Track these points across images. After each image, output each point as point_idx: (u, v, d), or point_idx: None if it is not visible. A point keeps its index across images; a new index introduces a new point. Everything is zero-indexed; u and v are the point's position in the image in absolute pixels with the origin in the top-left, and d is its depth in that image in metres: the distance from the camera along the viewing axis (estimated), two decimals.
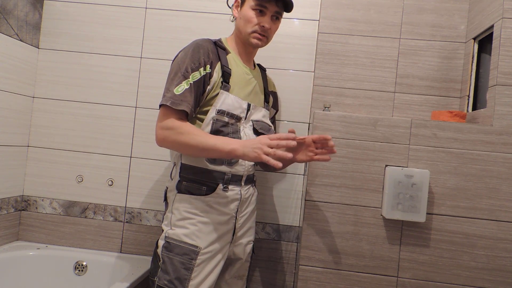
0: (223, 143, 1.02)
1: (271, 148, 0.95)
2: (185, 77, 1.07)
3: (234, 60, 1.21)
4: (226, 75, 1.15)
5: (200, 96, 1.11)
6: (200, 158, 1.13)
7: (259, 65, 1.39)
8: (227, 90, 1.14)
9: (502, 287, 1.15)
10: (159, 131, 1.08)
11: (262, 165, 1.40)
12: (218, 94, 1.13)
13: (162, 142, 1.08)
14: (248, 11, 1.17)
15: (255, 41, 1.19)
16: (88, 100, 1.66)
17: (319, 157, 1.11)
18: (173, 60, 1.15)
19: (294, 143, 0.95)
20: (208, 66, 1.12)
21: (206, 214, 1.13)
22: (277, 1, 1.16)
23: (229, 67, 1.17)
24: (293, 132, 1.13)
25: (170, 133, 1.05)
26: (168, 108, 1.06)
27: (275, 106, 1.44)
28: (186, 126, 1.05)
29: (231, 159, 1.13)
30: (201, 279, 1.10)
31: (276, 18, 1.21)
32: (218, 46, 1.18)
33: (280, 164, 0.93)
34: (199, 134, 1.04)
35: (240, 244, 1.23)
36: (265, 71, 1.40)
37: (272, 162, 0.93)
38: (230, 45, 1.24)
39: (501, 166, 1.16)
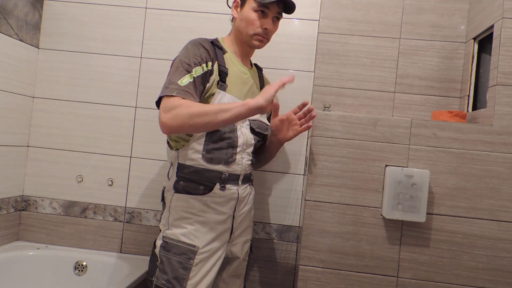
0: (235, 102, 1.04)
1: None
2: (188, 71, 1.06)
3: (231, 59, 1.21)
4: (222, 75, 1.15)
5: (202, 92, 1.11)
6: (196, 158, 1.13)
7: (255, 64, 1.38)
8: (224, 89, 1.14)
9: (502, 287, 1.14)
10: (164, 115, 1.01)
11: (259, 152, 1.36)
12: (214, 93, 1.13)
13: (170, 123, 1.00)
14: (250, 12, 1.17)
15: (256, 43, 1.19)
16: (88, 100, 1.66)
17: (304, 126, 1.22)
18: (173, 60, 1.14)
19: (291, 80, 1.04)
20: (210, 63, 1.11)
21: (204, 213, 1.13)
22: (278, 2, 1.17)
23: (226, 67, 1.17)
24: (306, 104, 1.21)
25: (178, 110, 1.00)
26: (173, 96, 1.02)
27: None
28: (191, 101, 1.03)
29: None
30: (199, 278, 1.10)
31: (277, 18, 1.21)
32: (215, 45, 1.18)
33: (293, 76, 1.03)
34: (205, 104, 1.04)
35: (238, 243, 1.23)
36: (262, 70, 1.40)
37: (285, 80, 1.02)
38: (226, 45, 1.24)
39: (501, 166, 1.16)
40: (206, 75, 1.10)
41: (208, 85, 1.12)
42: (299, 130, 1.24)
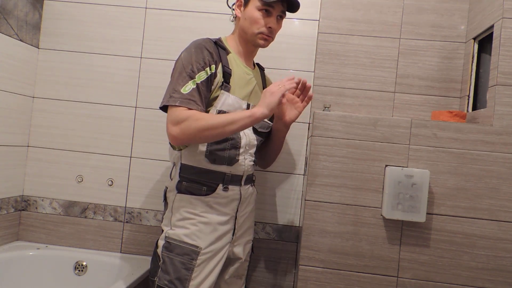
0: (241, 113, 1.05)
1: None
2: (191, 77, 1.07)
3: (234, 60, 1.20)
4: (226, 75, 1.15)
5: (208, 96, 1.11)
6: (200, 158, 1.13)
7: (258, 64, 1.38)
8: (228, 90, 1.14)
9: (502, 287, 1.15)
10: (173, 128, 1.03)
11: (262, 151, 1.37)
12: (218, 95, 1.12)
13: (180, 137, 1.03)
14: (254, 11, 1.16)
15: (261, 42, 1.19)
16: (88, 100, 1.66)
17: (306, 99, 1.24)
18: (175, 61, 1.14)
19: (294, 85, 1.10)
20: (213, 66, 1.11)
21: (207, 214, 1.13)
22: (282, 1, 1.17)
23: (230, 67, 1.17)
24: (299, 81, 1.24)
25: (187, 124, 1.02)
26: (178, 106, 1.05)
27: None
28: (199, 112, 1.05)
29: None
30: (201, 279, 1.10)
31: (280, 17, 1.21)
32: (218, 46, 1.18)
33: (294, 83, 1.09)
34: (214, 116, 1.05)
35: (240, 243, 1.23)
36: (264, 70, 1.40)
37: (287, 87, 1.07)
38: (230, 45, 1.24)
39: (501, 166, 1.16)
40: (211, 79, 1.10)
41: (212, 87, 1.12)
42: (302, 106, 1.25)
